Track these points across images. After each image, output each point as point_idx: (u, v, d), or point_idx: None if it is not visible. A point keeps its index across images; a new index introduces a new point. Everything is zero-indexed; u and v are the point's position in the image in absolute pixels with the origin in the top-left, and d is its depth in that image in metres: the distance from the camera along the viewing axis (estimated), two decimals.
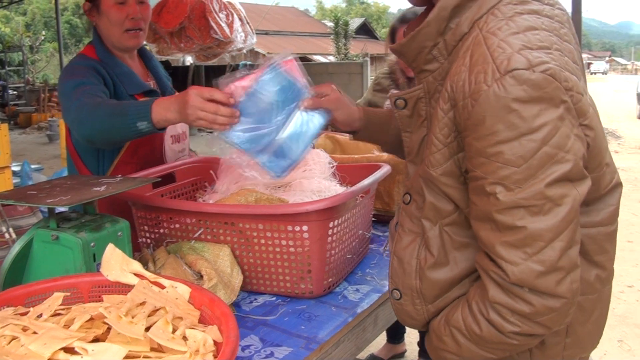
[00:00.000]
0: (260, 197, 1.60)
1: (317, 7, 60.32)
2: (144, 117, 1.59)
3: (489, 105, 0.91)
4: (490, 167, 0.93)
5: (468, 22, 1.01)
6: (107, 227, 1.41)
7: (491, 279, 0.97)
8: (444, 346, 1.10)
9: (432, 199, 1.09)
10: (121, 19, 1.95)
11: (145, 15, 2.02)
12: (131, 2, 1.96)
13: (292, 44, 27.71)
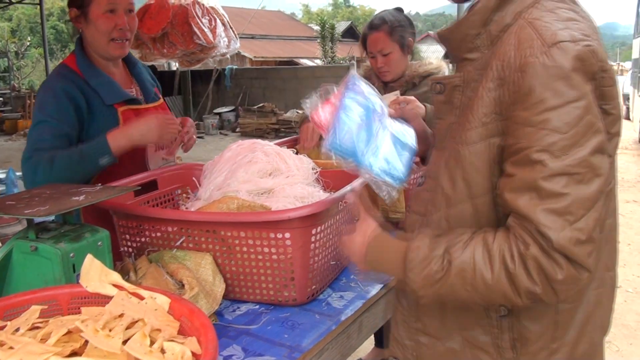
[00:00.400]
0: (242, 204, 1.59)
1: (304, 11, 60.37)
2: (103, 153, 1.80)
3: (537, 75, 0.97)
4: (536, 136, 0.96)
5: (512, 15, 1.06)
6: (87, 237, 1.39)
7: (534, 240, 0.97)
8: (423, 270, 1.05)
9: (445, 184, 1.11)
10: (109, 29, 1.96)
11: (132, 25, 2.04)
12: (120, 12, 1.97)
13: (279, 47, 27.72)
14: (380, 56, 2.60)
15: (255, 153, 1.90)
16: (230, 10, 20.29)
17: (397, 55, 2.60)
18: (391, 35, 2.56)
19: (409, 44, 2.63)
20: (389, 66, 2.61)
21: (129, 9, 2.01)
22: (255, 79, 17.54)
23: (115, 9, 1.96)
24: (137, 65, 2.24)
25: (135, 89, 2.18)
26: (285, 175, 1.84)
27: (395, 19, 2.60)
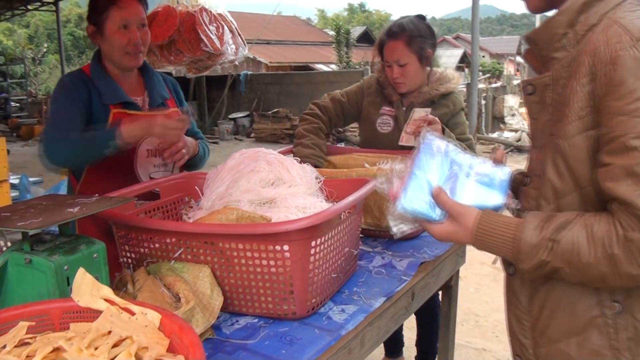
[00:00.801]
0: (242, 215, 1.56)
1: (319, 16, 60.42)
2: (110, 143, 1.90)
3: (627, 67, 1.03)
4: (630, 123, 1.02)
5: (597, 16, 1.13)
6: (82, 249, 1.37)
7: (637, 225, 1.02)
8: (531, 260, 1.13)
9: (552, 177, 1.17)
10: (123, 44, 2.09)
11: (145, 39, 2.15)
12: (133, 28, 2.09)
13: (294, 53, 27.73)
14: (397, 66, 2.45)
15: (258, 162, 1.87)
16: (245, 16, 20.45)
17: (415, 67, 2.45)
18: (410, 45, 2.42)
19: (428, 55, 2.47)
20: (404, 77, 2.47)
21: (141, 23, 2.12)
22: (269, 84, 17.57)
23: (128, 25, 2.08)
24: (154, 75, 2.32)
25: (143, 98, 2.25)
26: (288, 184, 1.80)
27: (415, 28, 2.44)
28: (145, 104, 2.24)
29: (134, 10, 2.09)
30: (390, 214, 1.29)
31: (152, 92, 2.27)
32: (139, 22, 2.10)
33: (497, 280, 4.76)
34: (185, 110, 2.39)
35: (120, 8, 2.06)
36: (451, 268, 2.20)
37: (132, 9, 2.08)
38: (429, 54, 2.47)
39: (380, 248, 2.05)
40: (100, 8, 2.09)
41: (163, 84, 2.35)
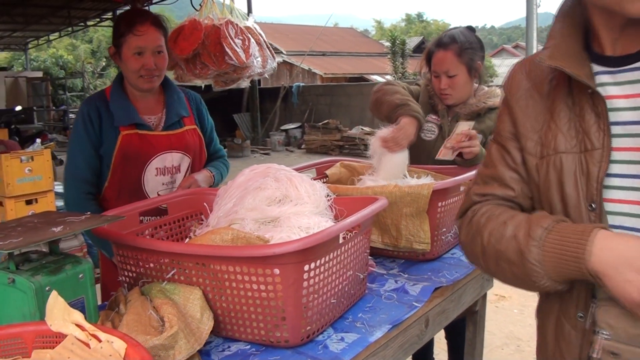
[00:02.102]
0: (237, 236, 1.49)
1: (376, 27, 60.17)
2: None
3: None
4: None
5: None
6: (67, 269, 1.33)
7: None
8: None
9: None
10: (137, 68, 2.16)
11: (161, 64, 2.21)
12: (147, 54, 2.15)
13: (349, 64, 27.73)
14: (445, 77, 2.39)
15: (266, 179, 1.81)
16: (302, 28, 20.68)
17: (464, 79, 2.39)
18: (460, 56, 2.36)
19: (477, 67, 2.41)
20: (453, 89, 2.41)
21: (157, 50, 2.18)
22: (321, 95, 17.60)
23: (143, 51, 2.15)
24: (173, 93, 2.36)
25: (160, 116, 2.30)
26: (294, 202, 1.73)
27: (466, 40, 2.38)
28: (161, 122, 2.29)
29: (150, 38, 2.14)
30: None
31: (170, 110, 2.30)
32: (154, 49, 2.15)
33: None
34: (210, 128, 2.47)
35: (136, 36, 2.12)
36: (475, 292, 2.07)
37: (148, 37, 2.13)
38: (478, 66, 2.41)
39: (396, 270, 1.94)
40: (119, 32, 2.17)
41: (183, 101, 2.38)
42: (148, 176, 2.21)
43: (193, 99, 2.45)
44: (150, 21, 2.15)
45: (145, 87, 2.21)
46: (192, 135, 2.34)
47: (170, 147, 2.26)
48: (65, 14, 14.60)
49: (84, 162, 2.19)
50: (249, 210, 1.73)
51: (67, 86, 24.33)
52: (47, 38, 20.78)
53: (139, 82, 2.19)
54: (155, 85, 2.24)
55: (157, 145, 2.23)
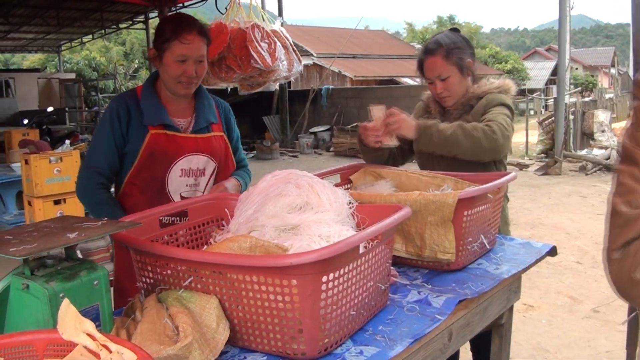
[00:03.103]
0: (256, 244, 1.46)
1: (408, 30, 59.78)
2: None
3: None
4: None
5: None
6: (82, 275, 1.32)
7: None
8: None
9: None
10: (177, 75, 2.17)
11: (201, 73, 2.22)
12: (190, 62, 2.16)
13: (379, 66, 27.64)
14: (439, 81, 2.43)
15: (287, 185, 1.77)
16: (332, 31, 20.70)
17: (457, 79, 2.43)
18: (448, 58, 2.40)
19: (468, 65, 2.45)
20: (449, 91, 2.45)
21: (199, 60, 2.18)
22: (350, 98, 17.56)
23: (186, 60, 2.15)
24: (203, 99, 2.38)
25: (190, 120, 2.33)
26: (315, 210, 1.69)
27: (451, 41, 2.44)
28: (189, 126, 2.31)
29: (195, 47, 2.14)
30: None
31: (199, 115, 2.33)
32: (197, 58, 2.16)
33: (573, 312, 4.43)
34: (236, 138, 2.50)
35: (182, 44, 2.12)
36: (501, 305, 2.01)
37: (194, 46, 2.14)
38: (469, 63, 2.46)
39: (420, 281, 1.89)
40: (164, 37, 2.16)
41: (213, 108, 2.41)
42: (172, 176, 2.23)
43: (222, 107, 2.48)
44: (197, 30, 2.16)
45: (182, 92, 2.23)
46: (219, 141, 2.37)
47: (197, 150, 2.28)
48: (97, 17, 14.83)
49: (102, 156, 2.22)
50: (270, 217, 1.70)
51: (100, 88, 24.74)
52: (81, 40, 21.14)
53: (176, 87, 2.21)
54: (191, 91, 2.26)
55: (185, 146, 2.25)
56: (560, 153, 11.78)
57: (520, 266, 2.03)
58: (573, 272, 5.40)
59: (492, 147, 2.19)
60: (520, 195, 8.72)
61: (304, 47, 24.53)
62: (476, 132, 2.18)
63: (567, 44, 7.75)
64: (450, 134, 2.17)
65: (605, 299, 4.68)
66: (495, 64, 36.01)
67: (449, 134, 2.17)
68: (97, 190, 2.21)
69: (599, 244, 6.29)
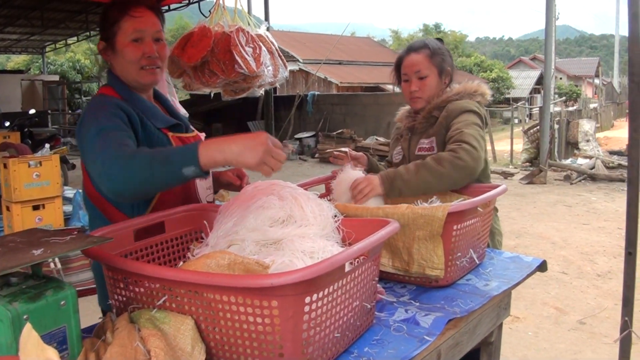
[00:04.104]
0: (235, 261, 1.38)
1: (393, 37, 59.91)
2: (190, 161, 1.50)
3: None
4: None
5: None
6: (48, 295, 1.22)
7: None
8: None
9: None
10: (137, 57, 1.87)
11: (162, 53, 1.93)
12: (147, 40, 1.88)
13: (365, 73, 27.63)
14: (416, 79, 2.39)
15: (269, 197, 1.70)
16: (319, 37, 20.71)
17: (434, 81, 2.39)
18: (432, 58, 2.38)
19: (447, 72, 2.42)
20: (423, 91, 2.40)
21: (156, 37, 1.90)
22: (336, 104, 17.52)
23: (142, 37, 1.87)
24: (167, 101, 2.14)
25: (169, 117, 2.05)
26: (299, 224, 1.61)
27: (437, 46, 2.43)
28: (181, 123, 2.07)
29: (149, 20, 1.87)
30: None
31: (172, 111, 2.08)
32: (154, 34, 1.88)
33: (559, 323, 4.38)
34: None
35: (133, 17, 1.85)
36: (491, 323, 1.94)
37: (147, 19, 1.87)
38: (448, 71, 2.43)
39: (407, 297, 1.81)
40: (111, 19, 1.87)
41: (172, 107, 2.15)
42: (197, 183, 1.99)
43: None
44: (146, 5, 1.89)
45: (149, 79, 1.90)
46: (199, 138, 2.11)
47: None
48: (82, 19, 14.68)
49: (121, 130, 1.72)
50: (250, 230, 1.62)
51: (84, 90, 24.49)
52: (65, 42, 20.91)
53: (140, 75, 1.88)
54: (157, 78, 1.94)
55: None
56: (545, 162, 11.80)
57: (510, 282, 1.96)
58: (559, 282, 5.36)
59: (464, 175, 2.09)
60: (505, 204, 8.71)
61: (290, 52, 24.48)
62: (442, 167, 2.06)
63: (553, 53, 7.74)
64: (418, 180, 2.08)
65: (591, 310, 4.65)
66: (480, 72, 36.15)
67: (417, 181, 2.08)
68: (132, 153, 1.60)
69: (585, 254, 6.29)
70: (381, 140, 14.63)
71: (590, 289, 5.20)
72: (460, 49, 46.29)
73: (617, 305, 4.66)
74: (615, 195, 9.78)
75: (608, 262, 5.99)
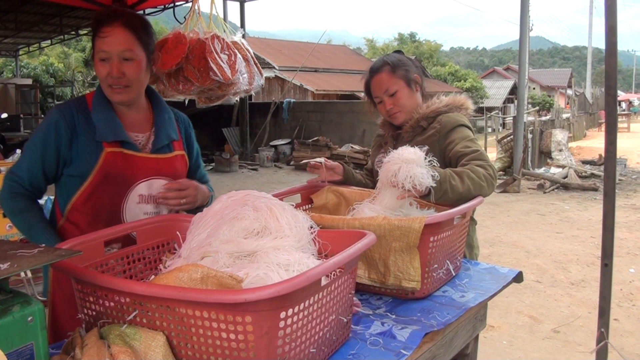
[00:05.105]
0: (208, 274, 1.34)
1: (369, 46, 60.19)
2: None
3: None
4: None
5: None
6: (14, 311, 1.17)
7: None
8: None
9: None
10: (103, 76, 1.93)
11: (131, 72, 1.93)
12: (114, 60, 1.90)
13: (341, 81, 27.70)
14: (387, 97, 2.40)
15: (244, 207, 1.66)
16: (295, 44, 20.72)
17: (405, 93, 2.39)
18: (394, 72, 2.38)
19: (415, 79, 2.42)
20: (398, 106, 2.40)
21: (124, 57, 1.91)
22: (312, 112, 17.52)
23: (108, 57, 1.90)
24: (163, 112, 2.14)
25: (148, 135, 2.08)
26: (274, 235, 1.58)
27: (396, 59, 2.43)
28: (149, 142, 2.07)
29: (115, 40, 1.87)
30: None
31: (160, 131, 2.09)
32: (120, 54, 1.89)
33: (533, 332, 4.40)
34: (196, 154, 2.29)
35: (100, 38, 1.88)
36: (467, 335, 1.93)
37: (113, 39, 1.87)
38: (416, 78, 2.43)
39: (383, 310, 1.79)
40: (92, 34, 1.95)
41: (174, 122, 2.18)
42: (130, 204, 1.98)
43: (182, 121, 2.24)
44: (120, 21, 1.88)
45: (116, 98, 1.95)
46: (180, 161, 2.14)
47: (158, 173, 2.03)
48: (57, 22, 14.46)
49: (26, 168, 1.95)
50: (224, 242, 1.58)
51: (57, 94, 24.16)
52: (39, 45, 20.60)
53: (108, 92, 1.95)
54: (126, 98, 1.97)
55: (144, 169, 2.00)
56: (519, 171, 11.91)
57: (486, 294, 1.95)
58: (533, 291, 5.39)
59: (490, 192, 2.12)
60: (479, 212, 8.74)
61: (265, 59, 24.44)
62: (482, 182, 2.06)
63: (527, 64, 7.84)
64: (462, 189, 2.02)
65: (565, 318, 4.68)
66: (455, 81, 36.48)
67: (462, 190, 2.02)
68: (13, 199, 1.95)
69: (558, 262, 6.34)
70: (356, 148, 14.65)
71: (564, 297, 5.24)
72: (435, 58, 46.65)
73: (591, 313, 4.71)
74: (588, 204, 9.90)
75: (581, 270, 6.05)
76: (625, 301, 5.10)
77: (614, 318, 3.95)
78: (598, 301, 2.56)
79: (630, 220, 8.55)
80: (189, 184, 2.03)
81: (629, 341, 4.23)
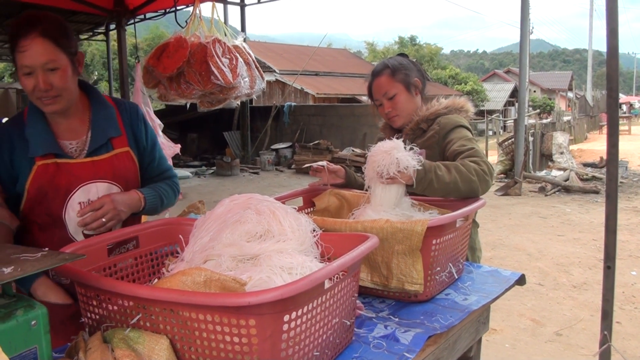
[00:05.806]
0: (211, 278, 1.34)
1: (369, 49, 60.24)
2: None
3: None
4: None
5: None
6: (18, 315, 1.18)
7: None
8: None
9: None
10: (30, 90, 1.83)
11: (58, 82, 1.82)
12: (38, 73, 1.79)
13: (342, 84, 27.71)
14: (386, 100, 2.42)
15: (247, 211, 1.66)
16: (295, 48, 20.67)
17: (404, 97, 2.41)
18: (394, 76, 2.40)
19: (415, 83, 2.43)
20: (397, 110, 2.42)
21: (48, 68, 1.80)
22: (313, 115, 17.53)
23: (32, 71, 1.79)
24: (100, 110, 2.02)
25: (85, 139, 1.98)
26: (277, 239, 1.58)
27: (397, 62, 2.44)
28: (85, 146, 1.97)
29: (35, 53, 1.76)
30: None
31: (95, 131, 1.97)
32: (44, 66, 1.78)
33: (536, 335, 4.40)
34: (150, 145, 2.13)
35: (20, 53, 1.77)
36: (470, 337, 1.93)
37: (32, 52, 1.76)
38: (416, 82, 2.44)
39: (386, 313, 1.79)
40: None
41: (114, 118, 2.03)
42: (71, 213, 1.90)
43: (127, 112, 2.08)
44: (37, 32, 1.76)
45: (49, 109, 1.87)
46: (122, 159, 2.01)
47: (95, 177, 1.93)
48: None
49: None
50: (227, 245, 1.58)
51: None
52: None
53: (39, 104, 1.86)
54: (58, 107, 1.88)
55: (80, 175, 1.91)
56: (520, 174, 11.90)
57: (489, 296, 1.95)
58: (535, 294, 5.38)
59: (484, 188, 2.11)
60: (481, 215, 8.73)
61: (266, 63, 24.45)
62: (472, 175, 2.05)
63: (527, 67, 7.85)
64: (449, 179, 2.02)
65: (567, 321, 4.67)
66: (455, 84, 36.50)
67: (448, 180, 2.02)
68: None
69: (560, 265, 6.33)
70: (357, 152, 14.65)
71: (566, 300, 5.23)
72: (435, 62, 46.64)
73: (594, 316, 4.70)
74: (589, 207, 9.90)
75: (583, 273, 6.04)
76: (628, 304, 5.09)
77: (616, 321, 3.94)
78: (600, 304, 2.56)
79: (632, 222, 8.54)
80: (102, 201, 1.87)
81: (632, 344, 4.22)
